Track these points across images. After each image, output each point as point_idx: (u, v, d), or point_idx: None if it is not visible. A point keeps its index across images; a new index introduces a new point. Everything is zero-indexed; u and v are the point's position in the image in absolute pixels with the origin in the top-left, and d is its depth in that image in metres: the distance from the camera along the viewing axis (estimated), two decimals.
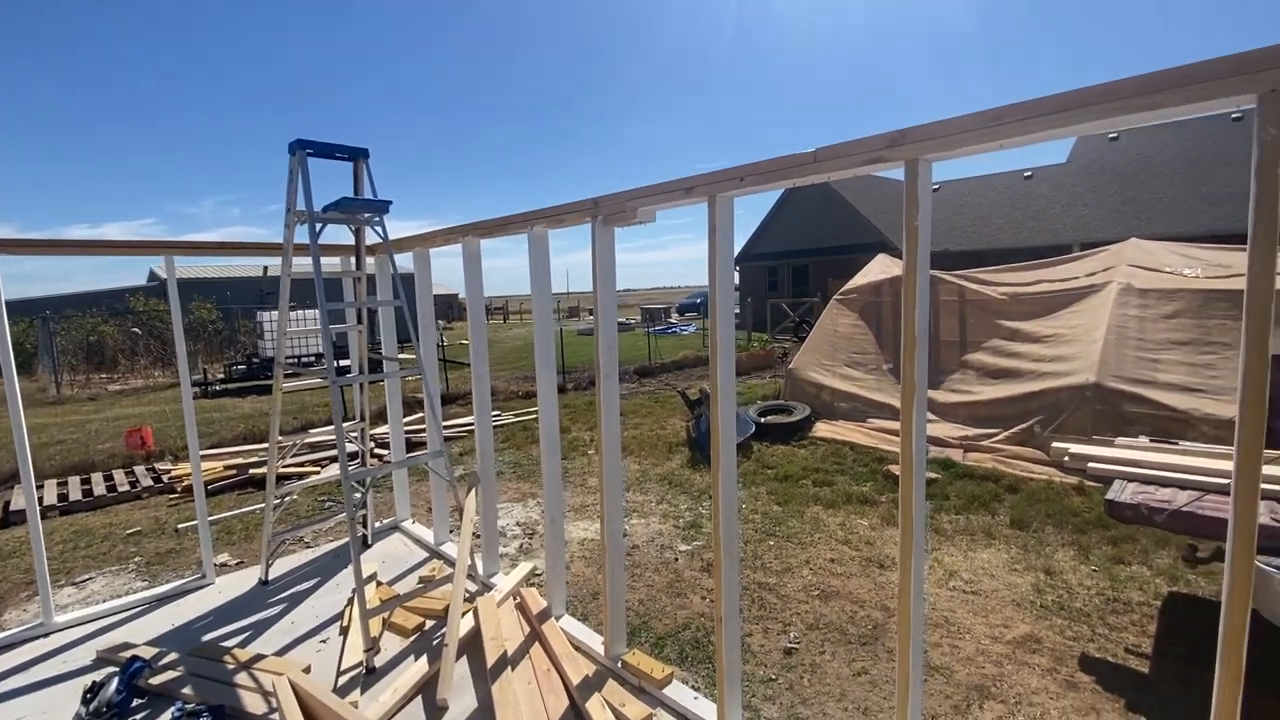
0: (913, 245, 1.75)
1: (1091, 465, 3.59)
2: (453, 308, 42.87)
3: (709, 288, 2.36)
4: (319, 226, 3.39)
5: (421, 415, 8.50)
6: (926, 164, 1.74)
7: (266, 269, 27.42)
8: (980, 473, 5.92)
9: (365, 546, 4.62)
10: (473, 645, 3.17)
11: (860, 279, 9.43)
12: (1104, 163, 23.08)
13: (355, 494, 4.54)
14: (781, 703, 2.87)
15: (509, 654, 3.00)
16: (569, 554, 4.56)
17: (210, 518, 4.88)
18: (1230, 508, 1.38)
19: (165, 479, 6.79)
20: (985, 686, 2.93)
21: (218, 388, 14.82)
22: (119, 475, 7.01)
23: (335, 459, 6.93)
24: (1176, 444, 3.77)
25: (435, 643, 3.26)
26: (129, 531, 5.42)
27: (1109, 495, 3.11)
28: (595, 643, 3.16)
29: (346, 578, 4.08)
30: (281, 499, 4.40)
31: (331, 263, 4.54)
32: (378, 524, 4.95)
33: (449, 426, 8.72)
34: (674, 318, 34.92)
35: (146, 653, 3.18)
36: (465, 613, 3.37)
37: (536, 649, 3.10)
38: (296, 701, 2.56)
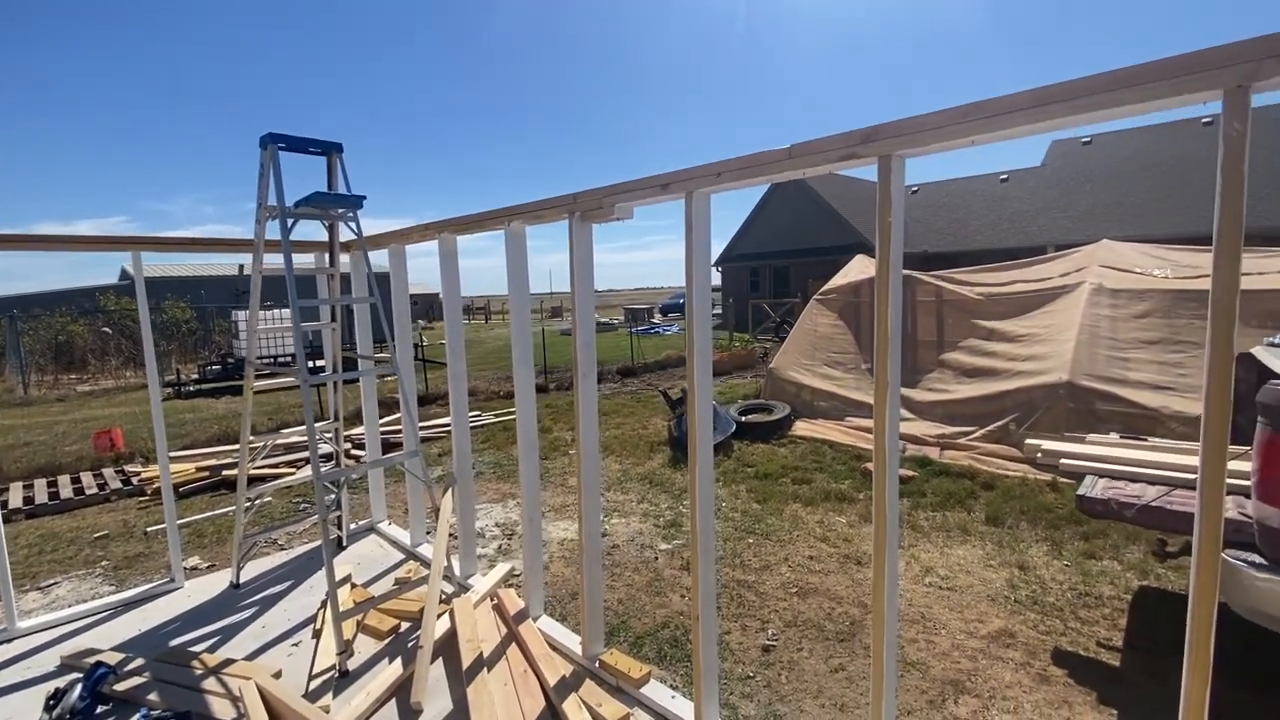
0: (885, 242, 1.75)
1: (1064, 462, 3.64)
2: (434, 308, 42.49)
3: (686, 285, 2.35)
4: (290, 222, 3.33)
5: (399, 415, 8.39)
6: (899, 160, 1.75)
7: (242, 267, 26.97)
8: (956, 470, 5.99)
9: (340, 548, 4.55)
10: (449, 647, 3.13)
11: (839, 279, 9.50)
12: (1077, 166, 23.55)
13: (329, 495, 4.48)
14: (759, 700, 2.87)
15: (485, 655, 2.97)
16: (548, 554, 4.53)
17: (181, 520, 4.77)
18: (1197, 502, 1.40)
19: (135, 481, 6.63)
20: (960, 681, 2.96)
21: (192, 388, 14.54)
22: (87, 477, 6.83)
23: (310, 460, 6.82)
24: (1146, 440, 3.84)
25: (410, 645, 3.21)
26: (96, 535, 5.28)
27: (1080, 491, 3.15)
28: (573, 643, 3.13)
29: (320, 580, 4.00)
30: (253, 501, 4.32)
31: (307, 260, 4.46)
32: (354, 525, 4.87)
33: (429, 426, 8.62)
34: (657, 318, 34.94)
35: (112, 658, 3.10)
36: (441, 614, 3.32)
37: (513, 650, 3.07)
38: (264, 706, 2.50)
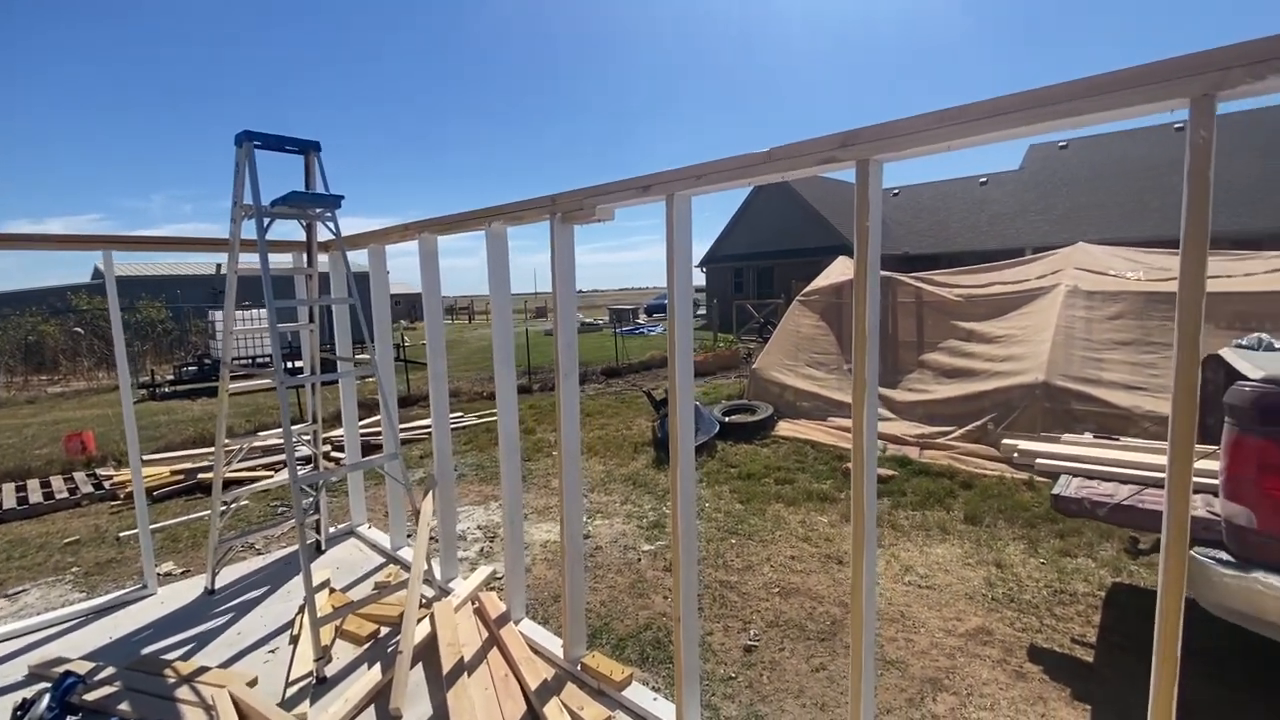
0: (864, 245, 1.76)
1: (1039, 461, 3.69)
2: (416, 307, 42.14)
3: (668, 286, 2.35)
4: (267, 221, 3.28)
5: (380, 417, 8.31)
6: (877, 164, 1.76)
7: (220, 266, 26.55)
8: (936, 469, 6.06)
9: (319, 553, 4.48)
10: (429, 652, 3.10)
11: (821, 281, 9.57)
12: (1054, 170, 23.96)
13: (307, 499, 4.41)
14: (741, 701, 2.88)
15: (466, 660, 2.94)
16: (531, 556, 4.50)
17: (154, 525, 4.69)
18: (1164, 500, 1.42)
19: (107, 485, 6.48)
20: (938, 679, 2.99)
21: (167, 390, 14.26)
22: (57, 481, 6.67)
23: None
24: (1119, 440, 3.91)
25: (390, 650, 3.18)
26: (67, 540, 5.16)
27: (1055, 490, 3.20)
28: (555, 646, 3.12)
29: (298, 585, 3.95)
30: (229, 505, 4.25)
31: (284, 260, 4.40)
32: (333, 529, 4.81)
33: (411, 428, 8.54)
34: (642, 318, 34.97)
35: (81, 667, 3.02)
36: (422, 619, 3.29)
37: (494, 654, 3.05)
38: (237, 715, 2.46)
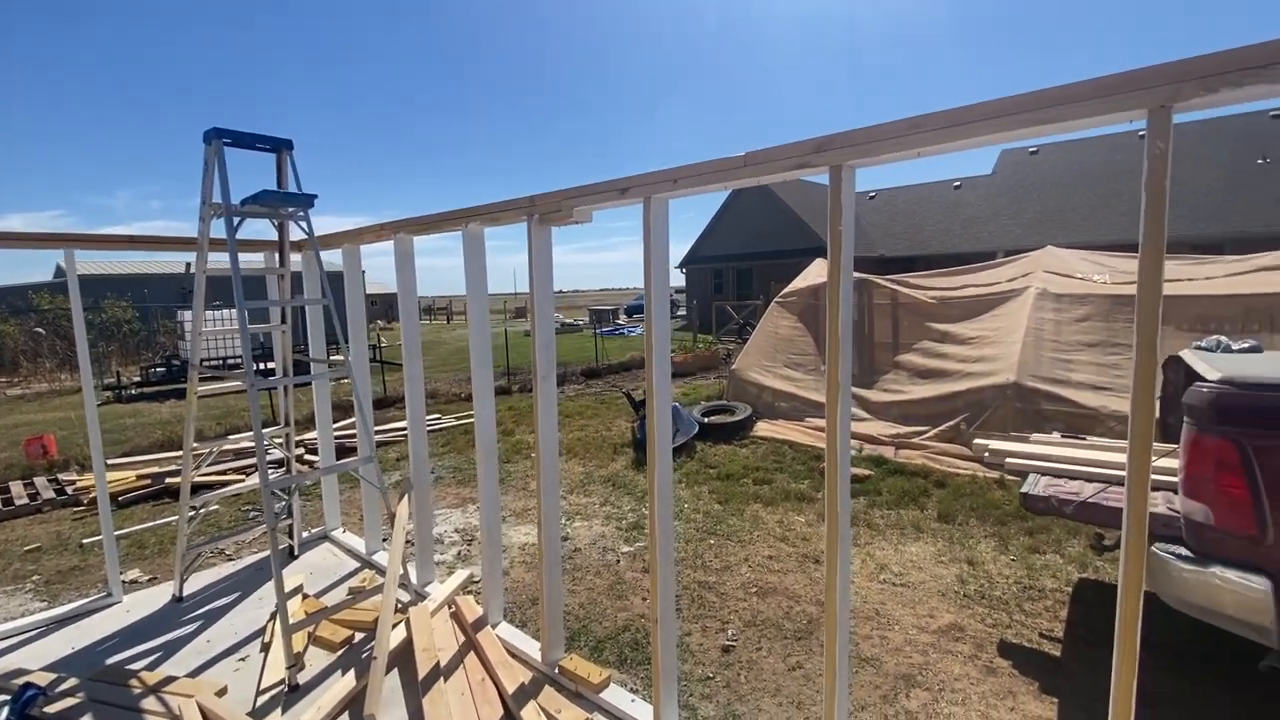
0: (836, 249, 1.79)
1: (1009, 461, 3.78)
2: (393, 308, 41.62)
3: (645, 288, 2.35)
4: (237, 221, 3.22)
5: (355, 420, 8.19)
6: (850, 170, 1.79)
7: (189, 265, 25.95)
8: (911, 469, 6.16)
9: (292, 558, 4.41)
10: (404, 657, 3.07)
11: (798, 283, 9.66)
12: (1025, 175, 24.50)
13: (279, 503, 4.34)
14: (718, 700, 2.90)
15: (442, 664, 2.92)
16: (509, 559, 4.48)
17: (119, 531, 4.56)
18: (1124, 498, 1.46)
19: (70, 490, 6.30)
20: (912, 675, 3.04)
21: (134, 391, 13.90)
22: (17, 487, 6.46)
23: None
24: (1085, 439, 4.02)
25: (365, 656, 3.13)
26: (27, 548, 5.00)
27: (1024, 489, 3.28)
28: (532, 649, 3.11)
29: (269, 591, 3.87)
30: (198, 510, 4.15)
31: (255, 260, 4.32)
32: (306, 534, 4.73)
33: (388, 430, 8.43)
34: (622, 319, 34.95)
35: (42, 679, 2.93)
36: (397, 624, 3.25)
37: (471, 658, 3.03)
38: None
